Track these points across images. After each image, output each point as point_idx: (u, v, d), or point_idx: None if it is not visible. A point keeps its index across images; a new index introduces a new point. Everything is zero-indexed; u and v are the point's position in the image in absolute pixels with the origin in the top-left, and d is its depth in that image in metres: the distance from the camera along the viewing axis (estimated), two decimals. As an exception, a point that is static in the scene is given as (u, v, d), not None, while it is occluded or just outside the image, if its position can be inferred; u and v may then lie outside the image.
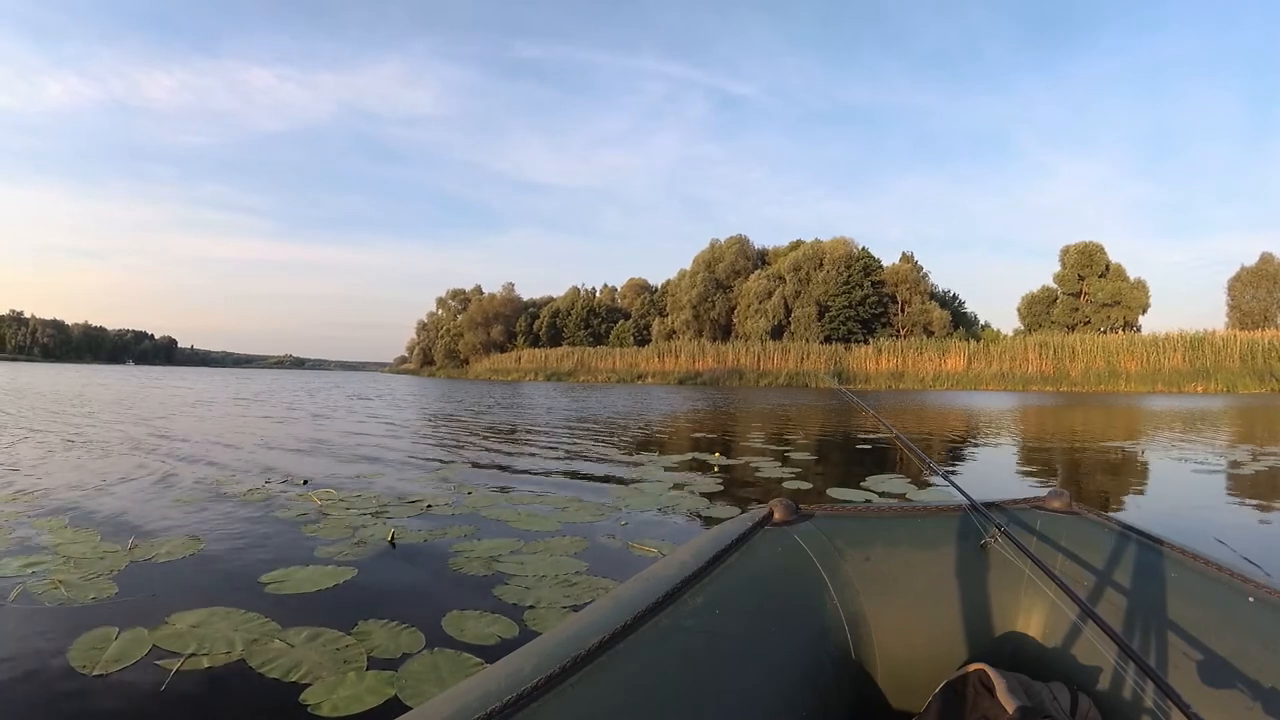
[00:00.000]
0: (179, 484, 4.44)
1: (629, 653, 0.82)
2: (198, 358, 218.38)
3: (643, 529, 3.42)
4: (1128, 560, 1.08)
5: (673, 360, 53.13)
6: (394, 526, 3.29)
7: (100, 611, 2.14)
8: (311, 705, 1.60)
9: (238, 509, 3.70)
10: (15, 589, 2.32)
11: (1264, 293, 48.81)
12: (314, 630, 2.01)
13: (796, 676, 0.92)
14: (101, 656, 1.82)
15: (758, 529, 1.16)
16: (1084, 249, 51.78)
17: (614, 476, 5.19)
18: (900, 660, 1.07)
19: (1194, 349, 38.07)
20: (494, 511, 3.73)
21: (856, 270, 52.37)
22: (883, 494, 4.53)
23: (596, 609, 0.95)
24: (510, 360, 66.68)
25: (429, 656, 1.86)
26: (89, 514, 3.50)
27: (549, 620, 2.13)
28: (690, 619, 0.92)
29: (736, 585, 1.02)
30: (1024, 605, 1.09)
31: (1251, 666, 0.88)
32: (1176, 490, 5.31)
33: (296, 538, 3.12)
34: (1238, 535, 3.48)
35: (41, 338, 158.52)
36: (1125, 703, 0.93)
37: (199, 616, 2.10)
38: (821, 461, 6.60)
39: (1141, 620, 0.99)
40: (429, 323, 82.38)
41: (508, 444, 7.58)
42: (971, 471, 6.23)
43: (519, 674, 0.76)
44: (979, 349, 44.11)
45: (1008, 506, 1.24)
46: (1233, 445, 8.28)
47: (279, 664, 1.79)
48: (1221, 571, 1.04)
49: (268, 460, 5.75)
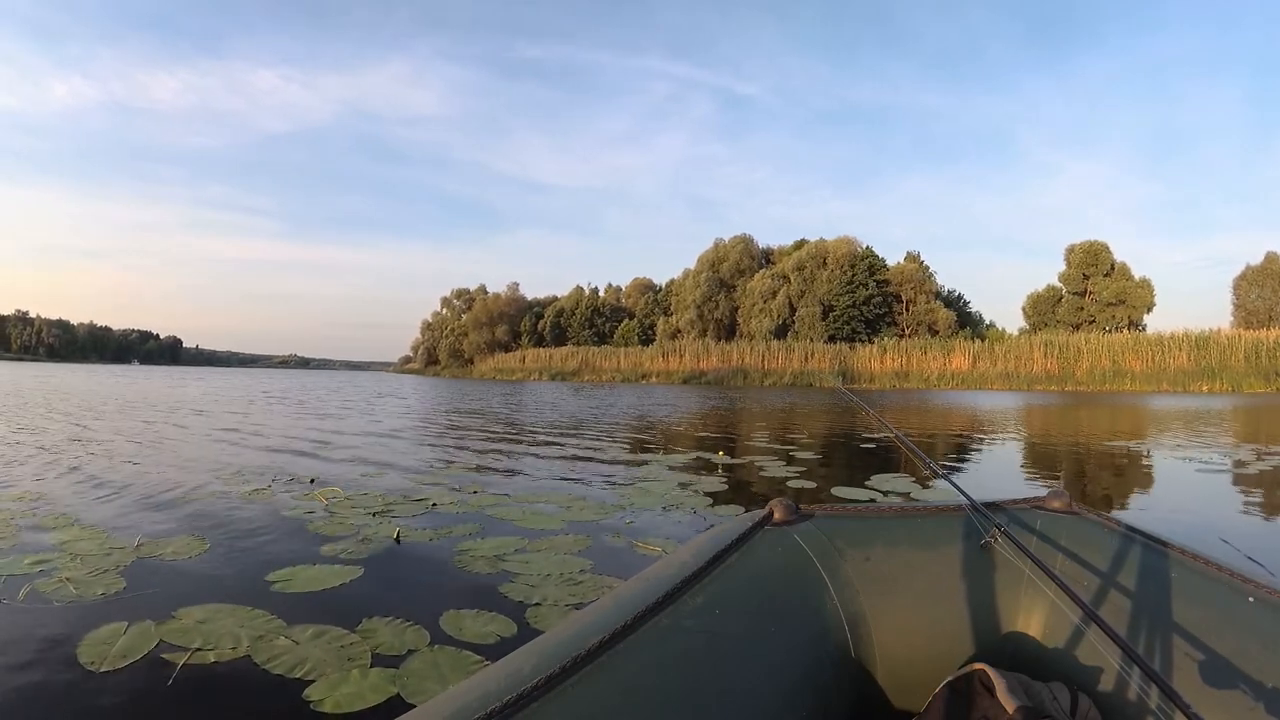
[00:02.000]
0: (189, 481, 4.46)
1: (629, 653, 0.83)
2: (203, 357, 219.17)
3: (647, 528, 3.42)
4: (1128, 560, 1.08)
5: (677, 360, 53.06)
6: (399, 525, 3.30)
7: (107, 608, 2.16)
8: (315, 701, 1.61)
9: (244, 507, 3.71)
10: (25, 587, 2.34)
11: (1269, 292, 48.50)
12: (319, 628, 2.02)
13: (796, 676, 0.92)
14: (110, 652, 1.84)
15: (758, 529, 1.16)
16: (1089, 248, 51.56)
17: (618, 475, 5.20)
18: (900, 660, 1.07)
19: (1199, 348, 37.87)
20: (499, 510, 3.74)
21: (861, 270, 52.25)
22: (887, 493, 4.53)
23: (596, 609, 0.96)
24: (515, 360, 66.70)
25: (432, 654, 1.87)
26: (97, 512, 3.53)
27: (553, 619, 2.14)
28: (690, 619, 0.92)
29: (736, 585, 1.02)
30: (1024, 605, 1.09)
31: (1252, 667, 0.88)
32: (1181, 490, 5.29)
33: (303, 536, 3.13)
34: (1242, 535, 3.47)
35: (47, 338, 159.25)
36: (1125, 703, 0.94)
37: (205, 613, 2.12)
38: (826, 461, 6.60)
39: (1142, 620, 0.99)
40: (434, 322, 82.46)
41: (512, 443, 7.60)
42: (974, 471, 6.21)
43: (519, 674, 0.76)
44: (984, 348, 43.95)
45: (1008, 506, 1.24)
46: (1237, 445, 8.24)
47: (283, 660, 1.81)
48: (1222, 571, 1.04)
49: (269, 459, 5.78)
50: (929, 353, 44.41)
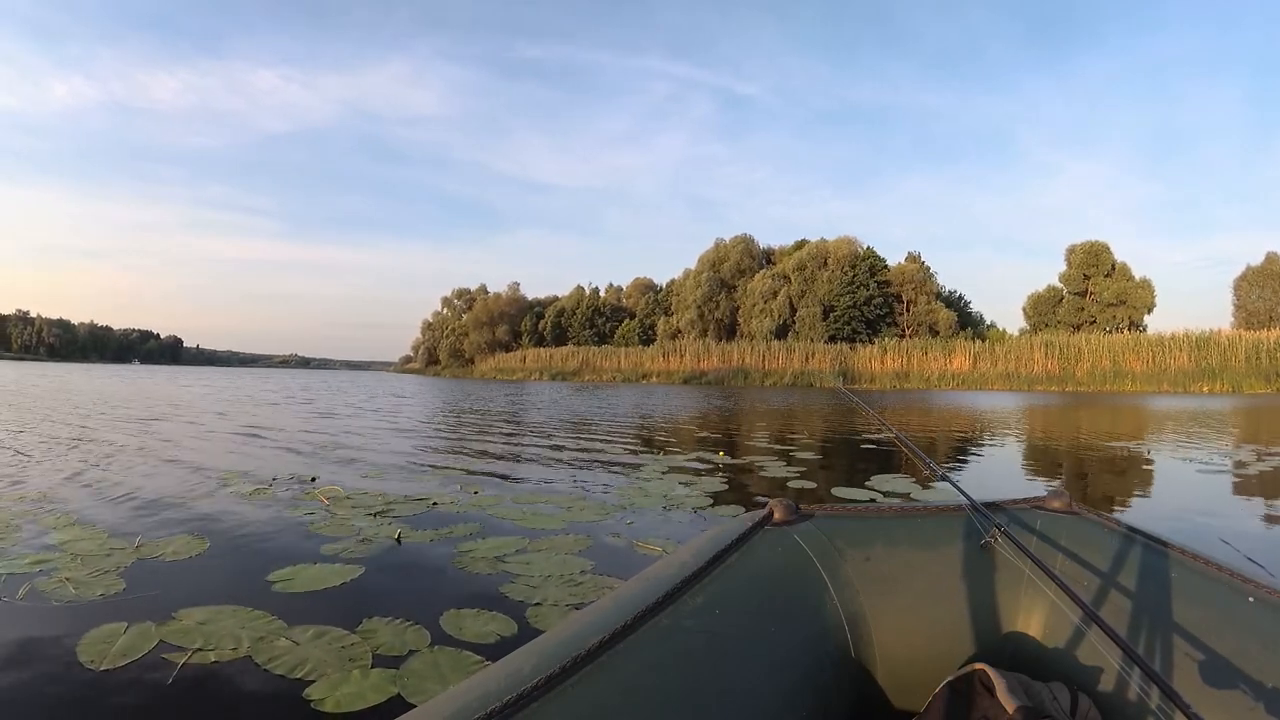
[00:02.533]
0: (189, 481, 4.46)
1: (629, 653, 0.83)
2: (203, 357, 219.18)
3: (647, 528, 3.42)
4: (1128, 560, 1.08)
5: (677, 360, 53.05)
6: (400, 525, 3.30)
7: (107, 608, 2.16)
8: (315, 701, 1.61)
9: (245, 507, 3.71)
10: (24, 585, 2.34)
11: (1270, 292, 48.48)
12: (319, 628, 2.02)
13: (796, 676, 0.92)
14: (110, 651, 1.84)
15: (758, 529, 1.16)
16: (1089, 248, 51.54)
17: (619, 475, 5.19)
18: (900, 660, 1.07)
19: (1200, 349, 37.86)
20: (499, 510, 3.74)
21: (861, 270, 52.26)
22: (887, 493, 4.53)
23: (596, 609, 0.96)
24: (515, 360, 66.71)
25: (432, 654, 1.87)
26: (98, 512, 3.53)
27: (553, 618, 2.14)
28: (690, 619, 0.92)
29: (736, 585, 1.02)
30: (1024, 605, 1.09)
31: (1252, 667, 0.88)
32: (1180, 490, 5.29)
33: (303, 536, 3.13)
34: (1241, 535, 3.47)
35: (47, 337, 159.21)
36: (1125, 703, 0.94)
37: (206, 613, 2.12)
38: (826, 461, 6.60)
39: (1142, 620, 0.99)
40: (434, 322, 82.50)
41: (513, 443, 7.60)
42: (974, 472, 6.21)
43: (519, 674, 0.76)
44: (984, 349, 43.93)
45: (1008, 506, 1.24)
46: (1237, 445, 8.24)
47: (284, 661, 1.81)
48: (1222, 571, 1.04)
49: (269, 458, 5.78)
50: (929, 353, 44.40)
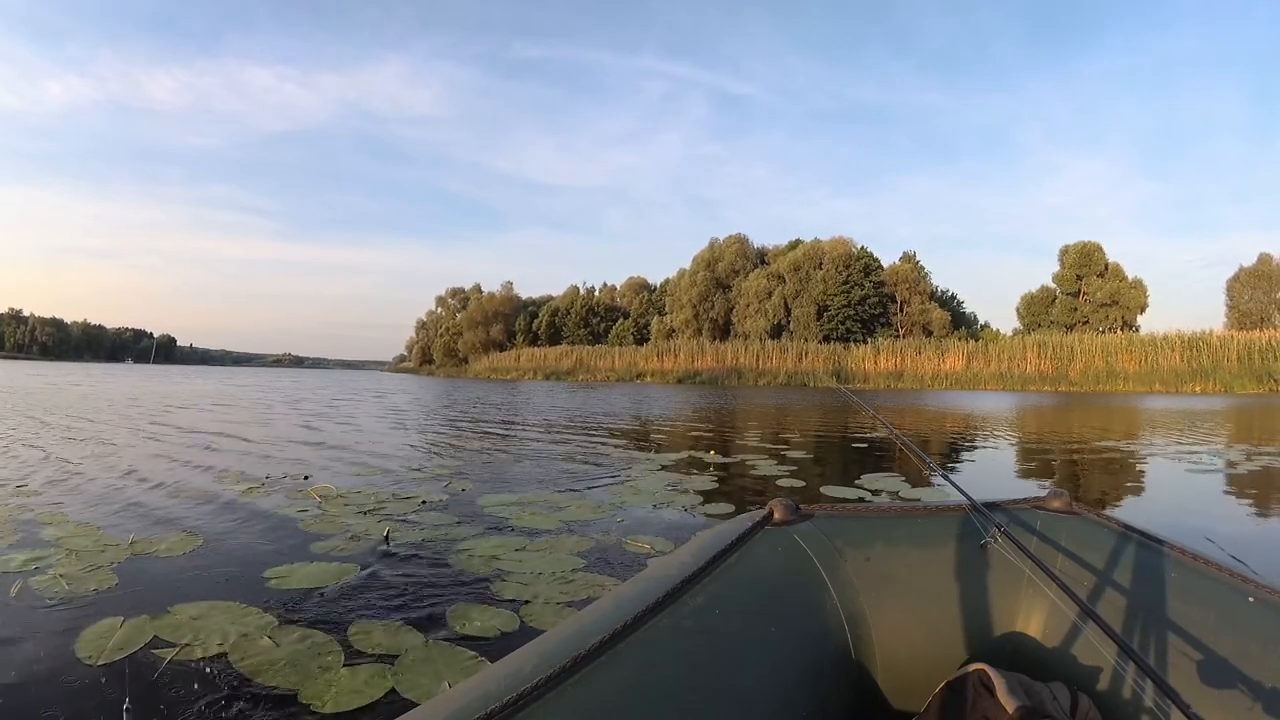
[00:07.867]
0: (183, 478, 4.44)
1: (629, 653, 0.82)
2: (197, 356, 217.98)
3: (639, 526, 3.42)
4: (1128, 560, 1.08)
5: (672, 359, 53.04)
6: (393, 523, 3.29)
7: (100, 604, 2.15)
8: (309, 699, 1.60)
9: (238, 505, 3.70)
10: (17, 583, 2.32)
11: (1262, 294, 48.81)
12: (313, 625, 2.01)
13: (796, 676, 0.92)
14: (105, 646, 1.83)
15: (757, 529, 1.16)
16: (1082, 248, 51.75)
17: (611, 475, 5.19)
18: (900, 660, 1.07)
19: (1192, 349, 38.10)
20: (492, 509, 3.73)
21: (856, 270, 52.33)
22: (876, 492, 4.54)
23: (596, 609, 0.95)
24: (509, 359, 66.57)
25: (426, 651, 1.86)
26: (98, 509, 3.51)
27: (546, 616, 2.14)
28: (690, 619, 0.92)
29: (736, 585, 1.01)
30: (1024, 605, 1.09)
31: (1251, 666, 0.88)
32: (1171, 490, 5.32)
33: (296, 534, 3.12)
34: (1229, 534, 3.49)
35: (40, 336, 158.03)
36: (1125, 703, 0.93)
37: (199, 610, 2.11)
38: (818, 460, 6.61)
39: (1141, 620, 0.99)
40: (428, 321, 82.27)
41: (506, 442, 7.58)
42: (969, 471, 6.23)
43: (519, 674, 0.76)
44: (978, 349, 44.09)
45: (1008, 506, 1.24)
46: (1229, 445, 8.29)
47: (277, 657, 1.80)
48: (1221, 571, 1.04)
49: (263, 456, 5.75)
50: (923, 353, 44.51)
